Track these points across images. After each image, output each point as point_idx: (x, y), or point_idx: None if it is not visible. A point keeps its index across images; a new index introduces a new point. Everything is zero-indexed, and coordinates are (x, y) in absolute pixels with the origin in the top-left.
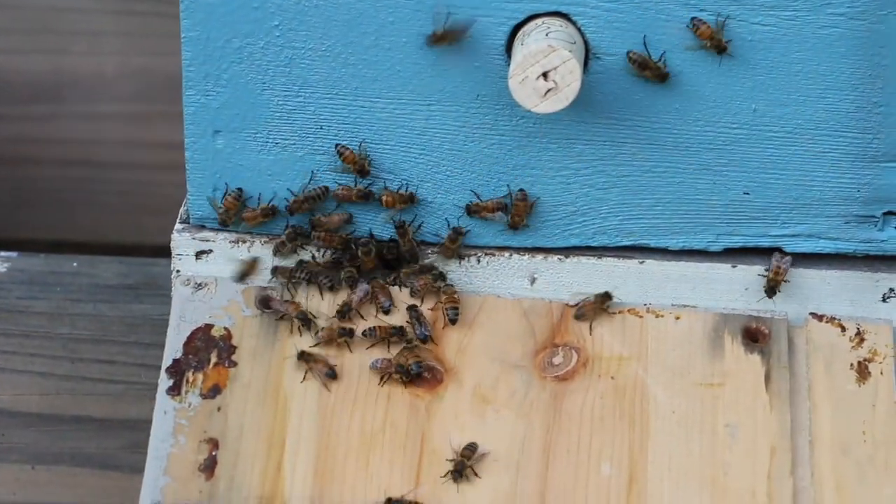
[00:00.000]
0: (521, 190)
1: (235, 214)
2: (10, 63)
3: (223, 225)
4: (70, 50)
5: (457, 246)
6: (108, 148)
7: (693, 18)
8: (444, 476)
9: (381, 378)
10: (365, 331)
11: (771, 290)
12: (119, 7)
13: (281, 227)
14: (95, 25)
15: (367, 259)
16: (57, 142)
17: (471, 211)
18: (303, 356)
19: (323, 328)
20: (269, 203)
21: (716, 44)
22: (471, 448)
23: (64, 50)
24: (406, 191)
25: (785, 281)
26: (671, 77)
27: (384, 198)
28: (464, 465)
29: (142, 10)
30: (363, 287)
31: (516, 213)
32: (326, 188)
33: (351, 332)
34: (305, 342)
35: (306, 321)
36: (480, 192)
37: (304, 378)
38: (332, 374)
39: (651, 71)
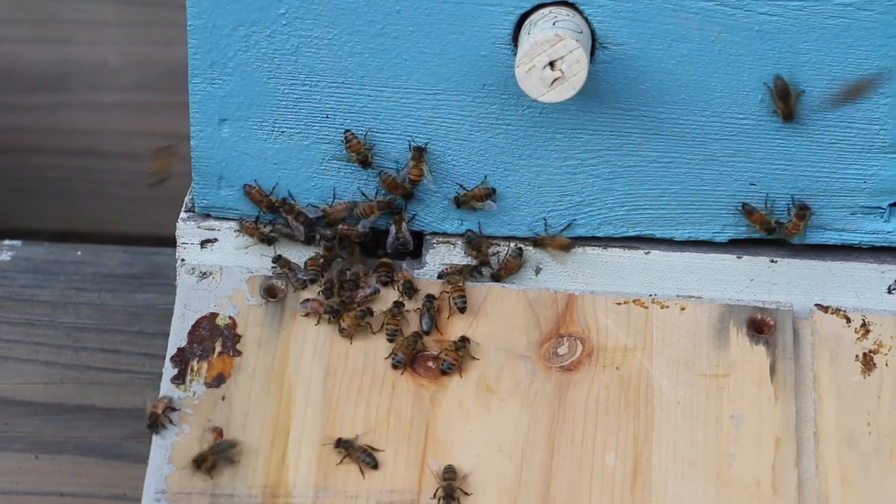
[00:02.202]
0: (518, 247)
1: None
2: (13, 53)
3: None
4: (73, 40)
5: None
6: (111, 138)
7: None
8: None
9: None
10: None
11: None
12: None
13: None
14: (98, 15)
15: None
16: (60, 132)
17: (459, 203)
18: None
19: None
20: (280, 198)
21: (766, 227)
22: (450, 470)
23: (67, 40)
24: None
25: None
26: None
27: (411, 173)
28: (452, 488)
29: (144, 0)
30: (373, 286)
31: (506, 269)
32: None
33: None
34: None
35: (336, 314)
36: (486, 183)
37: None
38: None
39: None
